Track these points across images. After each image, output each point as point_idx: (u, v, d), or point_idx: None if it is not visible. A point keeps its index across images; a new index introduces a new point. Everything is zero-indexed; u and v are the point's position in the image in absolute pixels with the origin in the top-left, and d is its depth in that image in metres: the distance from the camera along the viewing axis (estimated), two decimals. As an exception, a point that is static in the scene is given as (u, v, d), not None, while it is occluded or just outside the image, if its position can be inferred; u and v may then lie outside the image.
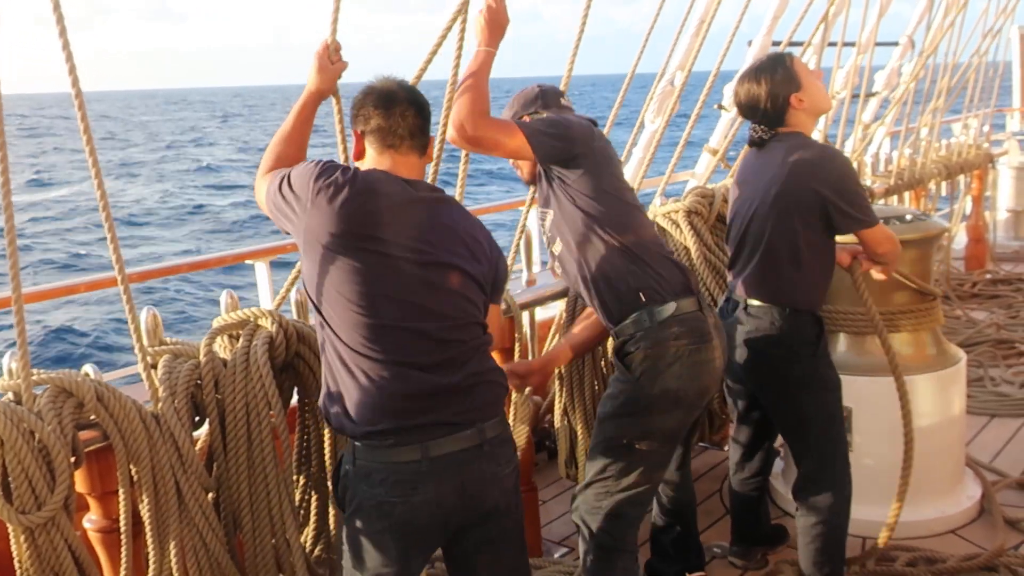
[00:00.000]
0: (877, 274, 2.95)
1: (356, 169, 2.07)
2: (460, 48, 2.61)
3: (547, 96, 2.68)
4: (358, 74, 2.60)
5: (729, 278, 2.97)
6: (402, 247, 2.01)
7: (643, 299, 2.47)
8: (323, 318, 2.05)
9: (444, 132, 2.50)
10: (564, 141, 2.45)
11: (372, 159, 2.13)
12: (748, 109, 2.82)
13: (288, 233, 2.12)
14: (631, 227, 2.50)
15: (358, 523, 2.03)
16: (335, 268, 1.99)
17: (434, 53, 2.62)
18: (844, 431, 2.92)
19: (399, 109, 2.11)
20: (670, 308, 2.46)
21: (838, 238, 2.83)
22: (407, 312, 2.00)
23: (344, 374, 2.02)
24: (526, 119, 2.58)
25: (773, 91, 2.74)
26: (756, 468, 3.13)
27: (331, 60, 2.38)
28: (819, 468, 2.87)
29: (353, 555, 2.05)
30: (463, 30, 2.63)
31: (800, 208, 2.71)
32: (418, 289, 2.01)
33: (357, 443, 2.03)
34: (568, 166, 2.47)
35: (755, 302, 2.83)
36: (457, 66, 2.57)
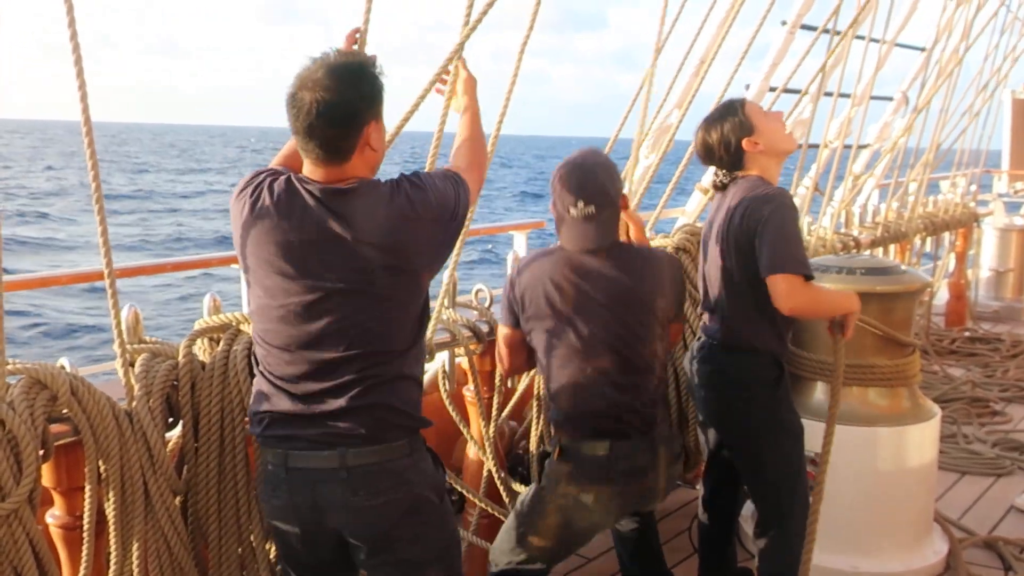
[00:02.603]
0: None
1: (262, 181, 1.99)
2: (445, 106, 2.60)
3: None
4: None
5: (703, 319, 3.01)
6: (281, 270, 1.94)
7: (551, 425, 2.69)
8: None
9: None
10: None
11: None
12: (705, 156, 2.89)
13: None
14: (552, 361, 2.58)
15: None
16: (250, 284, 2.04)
17: (416, 106, 2.58)
18: (804, 476, 2.92)
19: (304, 125, 1.89)
20: (567, 443, 2.58)
21: (831, 286, 2.85)
22: (288, 338, 1.97)
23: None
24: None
25: (724, 138, 2.80)
26: (725, 507, 3.14)
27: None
28: (776, 512, 2.88)
29: None
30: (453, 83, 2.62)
31: (744, 251, 2.74)
32: (294, 316, 1.96)
33: None
34: None
35: (717, 344, 2.86)
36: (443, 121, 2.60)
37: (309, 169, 1.97)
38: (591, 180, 2.51)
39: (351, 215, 1.93)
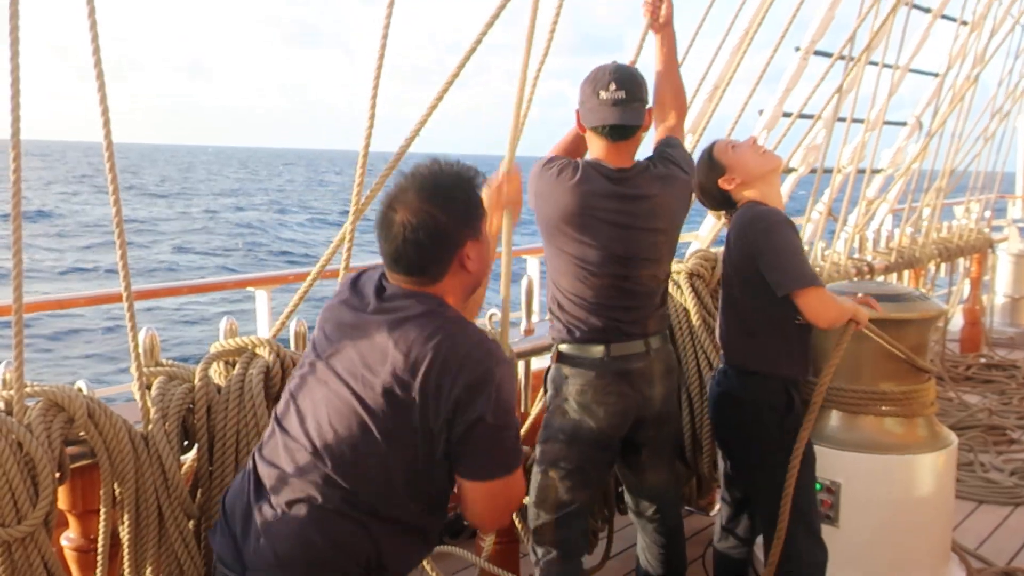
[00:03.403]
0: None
1: (360, 274, 1.94)
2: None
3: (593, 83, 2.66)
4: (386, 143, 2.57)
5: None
6: (328, 337, 1.85)
7: (552, 339, 2.78)
8: None
9: None
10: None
11: None
12: (704, 204, 3.00)
13: None
14: (561, 276, 2.71)
15: None
16: None
17: (423, 123, 2.54)
18: (815, 503, 2.90)
19: (391, 249, 1.78)
20: (566, 348, 2.72)
21: (832, 287, 2.88)
22: (288, 412, 1.84)
23: None
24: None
25: (703, 186, 2.87)
26: (742, 533, 3.11)
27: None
28: (788, 540, 2.85)
29: None
30: None
31: (743, 276, 2.77)
32: (300, 394, 1.84)
33: None
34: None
35: (730, 367, 2.88)
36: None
37: (391, 274, 1.84)
38: (628, 71, 2.66)
39: (394, 331, 1.75)
